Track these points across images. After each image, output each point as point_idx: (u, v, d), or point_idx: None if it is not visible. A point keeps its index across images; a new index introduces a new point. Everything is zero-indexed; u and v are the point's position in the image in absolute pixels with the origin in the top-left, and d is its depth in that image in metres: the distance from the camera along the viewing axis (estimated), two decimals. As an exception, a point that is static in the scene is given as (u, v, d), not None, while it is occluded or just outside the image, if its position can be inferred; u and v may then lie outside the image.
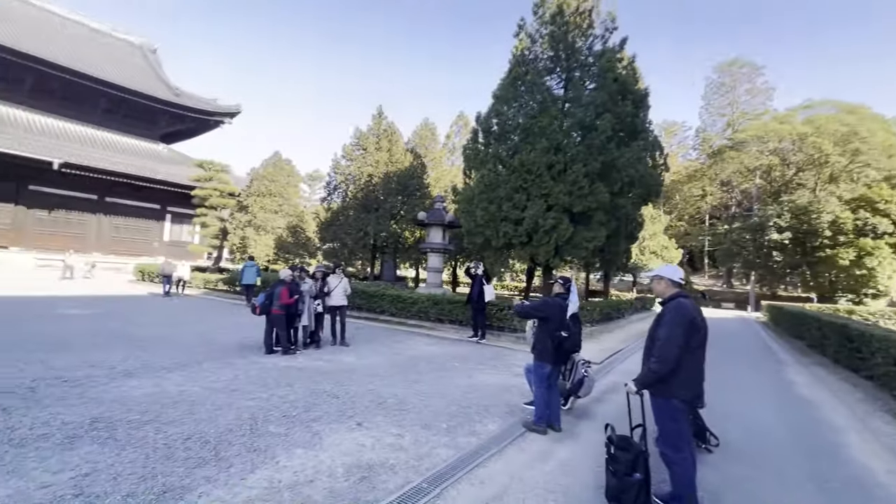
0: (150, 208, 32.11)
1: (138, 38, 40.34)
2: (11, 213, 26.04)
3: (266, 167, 21.28)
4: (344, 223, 15.91)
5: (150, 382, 5.27)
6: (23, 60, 27.02)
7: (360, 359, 7.38)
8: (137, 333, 8.30)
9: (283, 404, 4.78)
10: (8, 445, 3.41)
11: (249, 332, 9.16)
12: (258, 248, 19.67)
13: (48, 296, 13.39)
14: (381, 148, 16.56)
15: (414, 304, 11.56)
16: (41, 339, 7.19)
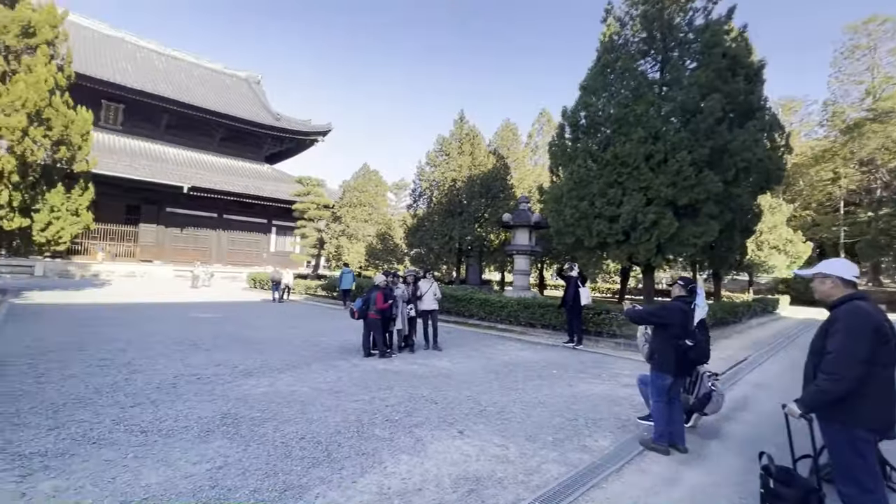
0: (259, 223, 35.88)
1: (244, 73, 45.49)
2: (154, 232, 30.77)
3: (356, 179, 22.62)
4: (429, 228, 16.22)
5: (266, 382, 5.69)
6: (161, 103, 31.93)
7: (453, 363, 7.32)
8: (252, 336, 9.13)
9: (385, 408, 4.84)
10: (157, 435, 3.83)
11: (348, 336, 9.62)
12: (351, 255, 20.92)
13: (182, 302, 15.44)
14: (463, 152, 16.65)
15: (503, 307, 11.31)
16: (180, 339, 8.22)
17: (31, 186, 14.36)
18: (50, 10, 14.93)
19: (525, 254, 14.63)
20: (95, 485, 2.98)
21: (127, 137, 32.08)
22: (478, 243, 16.54)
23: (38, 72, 13.87)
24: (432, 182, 16.85)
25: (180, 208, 31.30)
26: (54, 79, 14.58)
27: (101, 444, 3.60)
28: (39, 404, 4.45)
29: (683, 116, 10.23)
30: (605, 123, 11.02)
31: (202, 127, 35.64)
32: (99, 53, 31.99)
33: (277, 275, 16.54)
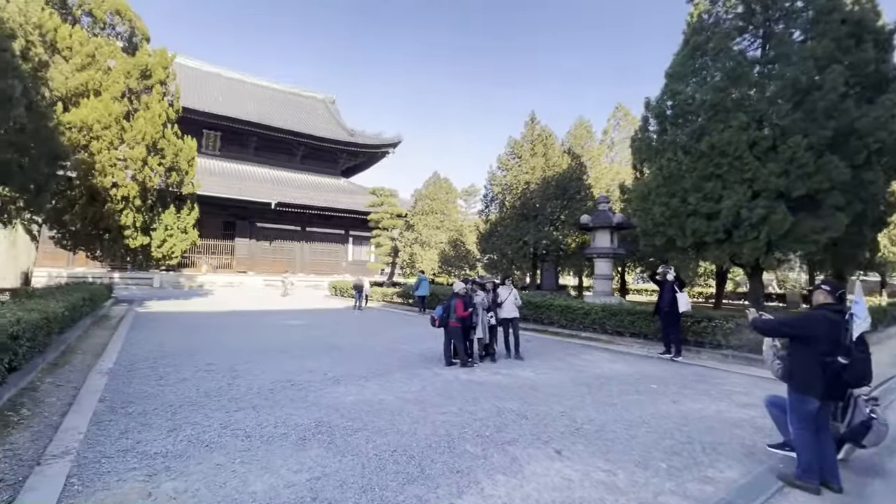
0: (337, 234, 37.93)
1: (321, 94, 48.63)
2: (247, 245, 33.76)
3: (427, 187, 23.02)
4: (503, 233, 15.91)
5: (354, 390, 5.76)
6: (251, 128, 35.16)
7: (538, 374, 6.95)
8: (337, 343, 9.46)
9: (474, 421, 4.64)
10: (260, 441, 3.97)
11: (428, 344, 9.61)
12: (424, 262, 21.25)
13: (273, 309, 16.60)
14: (536, 153, 16.15)
15: (586, 314, 10.66)
16: (273, 346, 8.73)
17: (150, 209, 16.35)
18: (162, 54, 16.98)
19: (607, 257, 13.75)
20: (209, 489, 3.11)
21: (223, 161, 35.64)
22: (554, 247, 15.90)
23: (154, 108, 15.80)
24: (504, 186, 16.54)
25: (269, 223, 34.06)
26: (166, 113, 16.53)
27: (212, 448, 3.79)
28: (160, 405, 4.87)
29: (795, 96, 8.94)
30: (698, 111, 10.00)
31: (285, 147, 38.62)
32: (199, 88, 35.99)
33: (360, 283, 17.18)
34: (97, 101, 14.22)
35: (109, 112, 14.21)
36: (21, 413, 4.56)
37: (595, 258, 14.00)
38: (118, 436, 3.99)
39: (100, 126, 13.97)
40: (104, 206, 14.72)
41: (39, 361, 6.30)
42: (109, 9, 15.82)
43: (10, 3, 7.24)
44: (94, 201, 14.70)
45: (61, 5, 15.08)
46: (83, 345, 8.36)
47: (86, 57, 14.44)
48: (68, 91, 14.03)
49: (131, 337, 9.37)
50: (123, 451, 3.67)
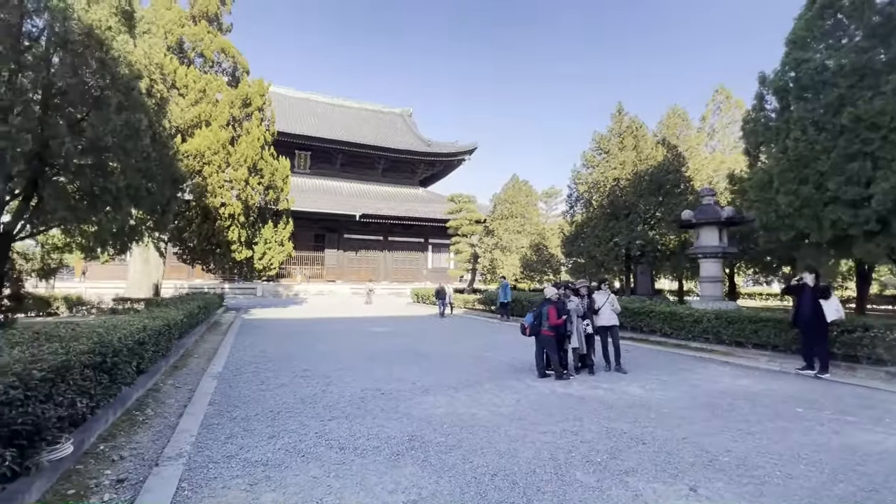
0: (417, 242, 38.82)
1: (398, 108, 50.46)
2: (336, 256, 35.85)
3: (506, 191, 22.51)
4: (590, 234, 14.85)
5: (444, 401, 5.49)
6: (337, 146, 37.48)
7: (647, 390, 6.14)
8: (423, 350, 9.34)
9: (581, 444, 4.09)
10: (354, 454, 3.82)
11: (515, 352, 9.13)
12: (505, 267, 20.71)
13: (360, 316, 17.20)
14: (625, 147, 14.88)
15: (696, 322, 9.40)
16: (362, 352, 8.85)
17: (252, 224, 17.89)
18: (259, 84, 18.62)
19: (715, 257, 12.16)
20: (306, 505, 2.98)
21: (312, 178, 38.34)
22: (650, 248, 14.46)
23: (253, 133, 17.32)
24: (590, 184, 15.44)
25: (354, 234, 35.88)
26: (263, 137, 18.04)
27: (308, 458, 3.71)
28: (261, 411, 5.00)
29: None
30: (834, 79, 8.37)
31: (367, 161, 40.56)
32: (291, 113, 39.23)
33: (442, 289, 17.13)
34: (208, 130, 15.94)
35: (218, 139, 15.83)
36: (146, 413, 4.94)
37: (700, 258, 12.45)
38: (224, 440, 4.10)
39: (210, 152, 15.62)
40: (215, 223, 16.40)
41: (163, 364, 6.93)
42: (216, 48, 17.74)
43: (136, 48, 8.20)
44: (206, 219, 16.45)
45: (178, 50, 17.22)
46: (198, 349, 9.18)
47: (198, 92, 16.29)
48: (184, 123, 15.90)
49: (238, 342, 10.13)
50: (228, 456, 3.73)
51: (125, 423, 4.53)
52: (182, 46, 17.29)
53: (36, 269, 8.93)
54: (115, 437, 4.15)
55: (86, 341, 3.99)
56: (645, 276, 16.48)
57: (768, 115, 9.89)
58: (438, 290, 17.30)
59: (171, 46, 16.75)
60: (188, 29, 17.03)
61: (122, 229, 8.97)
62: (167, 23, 16.38)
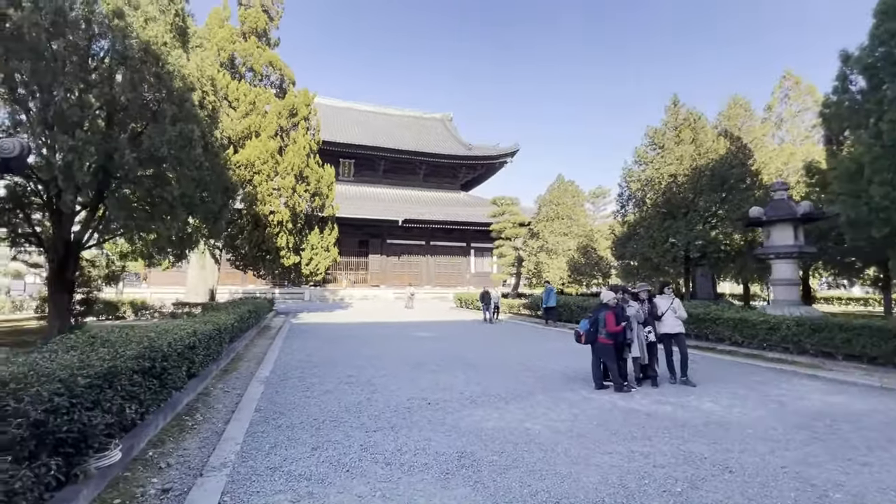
0: (459, 246, 38.62)
1: (438, 114, 50.69)
2: (379, 261, 36.33)
3: (551, 191, 21.74)
4: (644, 235, 13.91)
5: (494, 414, 5.13)
6: (379, 153, 38.10)
7: (723, 407, 5.46)
8: (469, 357, 9.00)
9: (654, 470, 3.59)
10: (400, 471, 3.55)
11: (566, 361, 8.60)
12: (551, 271, 19.95)
13: (403, 321, 17.11)
14: (682, 140, 13.83)
15: (773, 330, 8.44)
16: (407, 358, 8.64)
17: (299, 231, 18.35)
18: (305, 94, 19.13)
19: (790, 257, 10.98)
20: (350, 530, 2.73)
21: (356, 185, 39.16)
22: (712, 248, 13.33)
23: (300, 141, 17.77)
24: (644, 181, 14.47)
25: (397, 239, 36.24)
26: (309, 145, 18.49)
27: (353, 473, 3.48)
28: (306, 419, 4.86)
29: None
30: (939, 50, 7.25)
31: (409, 167, 40.94)
32: (335, 123, 40.35)
33: (487, 294, 16.62)
34: (257, 140, 16.54)
35: (266, 149, 16.38)
36: (195, 418, 4.93)
37: (772, 259, 11.30)
38: (268, 450, 3.96)
39: (260, 161, 16.17)
40: (265, 230, 16.95)
41: (214, 368, 7.04)
42: (264, 62, 18.44)
43: (189, 62, 8.50)
44: (257, 227, 17.03)
45: (230, 66, 18.04)
46: (248, 353, 9.34)
47: (248, 105, 16.96)
48: (236, 134, 16.58)
49: (286, 346, 10.24)
50: (272, 468, 3.57)
51: (175, 428, 4.53)
52: (234, 62, 18.12)
53: (102, 276, 9.46)
54: (164, 442, 4.12)
55: (136, 346, 3.99)
56: (705, 279, 15.24)
57: (854, 97, 8.79)
58: (483, 294, 16.81)
59: (224, 62, 17.58)
60: (239, 45, 17.82)
61: (179, 236, 9.32)
62: (220, 40, 17.22)
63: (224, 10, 18.36)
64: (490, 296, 16.48)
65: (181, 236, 8.99)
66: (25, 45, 6.56)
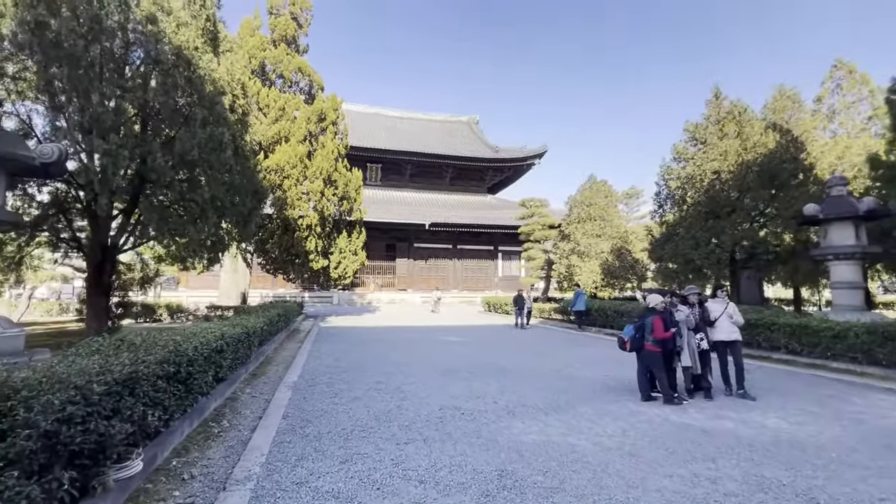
0: (486, 250, 38.17)
1: (464, 117, 50.50)
2: (406, 265, 36.31)
3: (582, 192, 20.99)
4: (685, 236, 13.10)
5: (534, 427, 4.74)
6: (406, 157, 38.22)
7: (792, 424, 4.88)
8: (501, 364, 8.60)
9: (726, 500, 3.13)
10: (436, 491, 3.23)
11: (606, 368, 8.09)
12: (583, 274, 19.21)
13: (431, 325, 16.83)
14: (726, 134, 12.94)
15: (838, 337, 7.67)
16: (437, 364, 8.33)
17: (328, 235, 18.41)
18: (333, 99, 19.26)
19: (851, 258, 10.08)
20: (383, 561, 2.42)
21: (383, 189, 39.37)
22: (762, 248, 12.40)
23: (328, 146, 17.86)
24: (684, 179, 13.63)
25: (424, 243, 36.16)
26: (337, 149, 18.56)
27: (384, 493, 3.19)
28: (334, 429, 4.61)
29: None
30: None
31: (436, 170, 40.86)
32: (363, 128, 40.77)
33: (520, 298, 16.02)
34: (287, 145, 16.71)
35: (295, 153, 16.51)
36: (222, 424, 4.77)
37: (831, 261, 10.40)
38: (294, 463, 3.72)
39: (289, 166, 16.31)
40: (294, 234, 17.07)
41: (242, 372, 6.93)
42: (294, 68, 18.68)
43: (220, 65, 8.54)
44: (286, 231, 17.18)
45: (261, 73, 18.37)
46: (277, 357, 9.26)
47: (278, 111, 17.18)
48: (266, 140, 16.81)
49: (314, 350, 10.13)
50: (297, 483, 3.33)
51: (200, 435, 4.37)
52: (264, 69, 18.43)
53: (137, 280, 9.63)
54: (188, 451, 3.95)
55: (161, 351, 3.84)
56: (752, 283, 14.25)
57: (928, 80, 7.94)
58: (516, 297, 16.20)
59: (255, 70, 17.90)
60: (269, 52, 18.12)
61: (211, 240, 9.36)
62: (251, 48, 17.54)
63: (255, 19, 18.74)
64: (523, 300, 15.90)
65: (213, 240, 9.02)
66: (63, 52, 6.69)
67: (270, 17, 19.13)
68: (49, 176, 7.49)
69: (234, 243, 12.47)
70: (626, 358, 8.14)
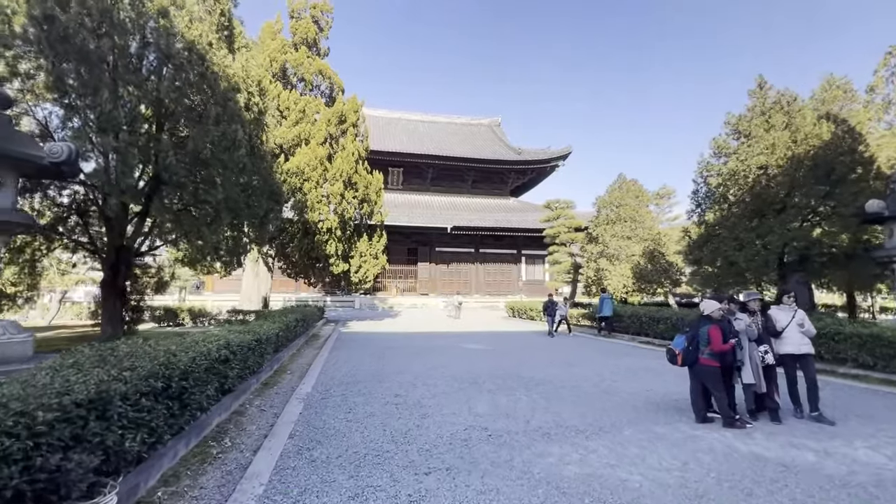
0: (509, 253, 37.37)
1: (486, 119, 49.90)
2: (428, 269, 35.88)
3: (611, 192, 20.01)
4: (728, 236, 12.06)
5: (574, 454, 4.07)
6: (427, 160, 37.91)
7: (887, 455, 4.06)
8: (531, 375, 7.92)
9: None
10: (461, 542, 2.62)
11: (648, 382, 7.30)
12: (613, 278, 18.22)
13: (453, 331, 16.21)
14: (773, 126, 11.86)
15: (921, 350, 6.67)
16: (460, 375, 7.71)
17: (348, 238, 18.08)
18: (353, 101, 19.01)
19: (926, 259, 8.96)
20: None
21: (405, 193, 39.13)
22: (815, 249, 11.27)
23: (348, 148, 17.56)
24: (726, 175, 12.59)
25: (445, 247, 35.66)
26: (358, 151, 18.25)
27: (399, 542, 2.60)
28: (345, 452, 4.07)
29: None
30: None
31: (457, 173, 40.37)
32: (383, 132, 40.71)
33: (552, 303, 14.93)
34: (307, 148, 16.49)
35: (315, 155, 16.27)
36: (223, 444, 4.30)
37: (899, 263, 9.29)
38: (296, 497, 3.18)
39: (309, 168, 16.08)
40: (314, 237, 16.80)
41: (253, 382, 6.50)
42: (314, 71, 18.54)
43: (234, 62, 8.23)
44: (307, 234, 16.93)
45: (282, 76, 18.29)
46: (293, 364, 8.83)
47: (299, 113, 17.01)
48: (287, 142, 16.64)
49: (332, 358, 9.67)
50: (296, 526, 2.78)
51: (196, 457, 3.89)
52: (285, 73, 18.35)
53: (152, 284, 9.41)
54: (178, 478, 3.47)
55: (147, 363, 3.39)
56: (801, 287, 13.05)
57: None
58: (547, 303, 15.12)
59: (276, 73, 17.83)
60: (290, 55, 18.02)
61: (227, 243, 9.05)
62: (272, 51, 17.48)
63: (276, 23, 18.72)
64: (554, 305, 14.83)
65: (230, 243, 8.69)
66: (73, 48, 6.46)
67: (291, 20, 19.09)
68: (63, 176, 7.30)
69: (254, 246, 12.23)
70: (667, 370, 7.36)
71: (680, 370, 5.49)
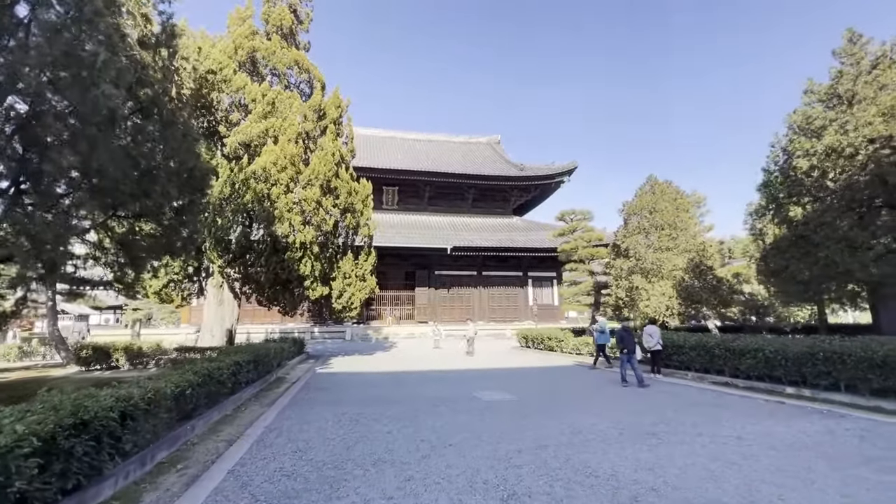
0: (514, 276, 34.16)
1: (485, 137, 47.72)
2: (427, 294, 32.54)
3: (641, 196, 16.82)
4: (830, 236, 8.93)
5: None
6: (423, 177, 35.16)
7: None
8: (609, 468, 4.58)
9: None
10: None
11: (806, 478, 3.95)
12: (652, 298, 14.80)
13: (458, 369, 12.82)
14: (885, 86, 8.91)
15: None
16: (478, 464, 4.37)
17: (329, 257, 14.90)
18: (335, 95, 16.22)
19: None
20: None
21: (401, 214, 36.22)
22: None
23: (327, 147, 14.62)
24: (821, 156, 9.49)
25: (446, 269, 32.48)
26: (339, 152, 15.29)
27: None
28: None
29: None
30: None
31: (457, 192, 37.61)
32: (378, 151, 38.23)
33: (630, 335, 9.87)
34: (275, 146, 13.55)
35: (285, 153, 13.30)
36: None
37: None
38: None
39: (276, 168, 13.07)
40: (285, 254, 13.63)
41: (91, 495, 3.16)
42: (289, 62, 15.83)
43: None
44: (276, 252, 13.76)
45: (251, 67, 15.56)
46: (206, 442, 5.46)
47: (267, 105, 14.14)
48: (252, 140, 13.69)
49: (276, 426, 6.31)
50: None
51: None
52: (255, 64, 15.63)
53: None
54: None
55: None
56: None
57: None
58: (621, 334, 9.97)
59: (243, 62, 15.11)
60: (260, 42, 15.33)
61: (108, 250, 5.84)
62: (237, 36, 14.83)
63: (247, 9, 16.14)
64: (631, 336, 9.86)
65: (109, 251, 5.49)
66: None
67: (266, 4, 16.52)
68: None
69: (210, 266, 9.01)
70: (833, 447, 4.06)
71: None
